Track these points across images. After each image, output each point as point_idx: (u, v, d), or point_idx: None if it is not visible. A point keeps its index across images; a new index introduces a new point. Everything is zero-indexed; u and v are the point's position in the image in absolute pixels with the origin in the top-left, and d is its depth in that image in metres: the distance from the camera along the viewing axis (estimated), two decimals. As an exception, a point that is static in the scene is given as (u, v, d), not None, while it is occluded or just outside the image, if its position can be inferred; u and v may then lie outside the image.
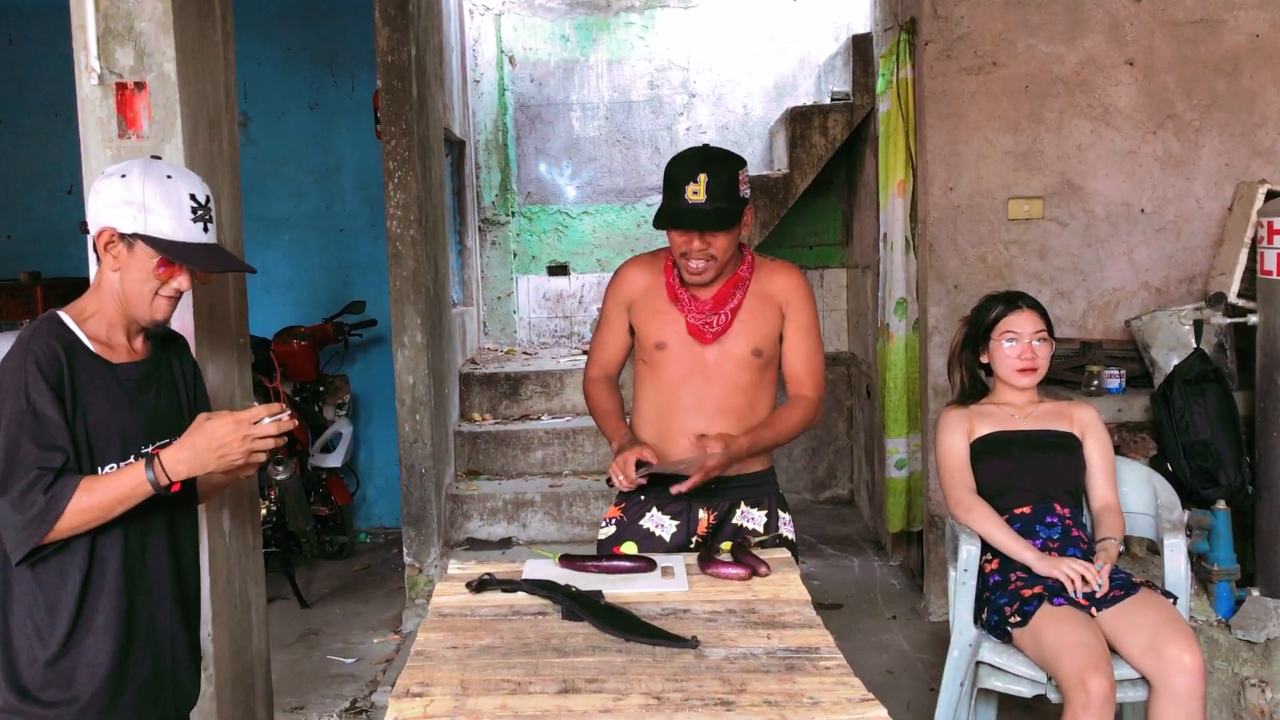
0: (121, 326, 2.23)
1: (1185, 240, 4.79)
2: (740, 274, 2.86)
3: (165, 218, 2.15)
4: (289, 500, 5.52)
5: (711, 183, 2.68)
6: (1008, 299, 3.31)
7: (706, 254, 2.73)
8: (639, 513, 2.89)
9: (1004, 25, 4.74)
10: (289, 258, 6.60)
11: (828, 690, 1.95)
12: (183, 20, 2.77)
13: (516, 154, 7.19)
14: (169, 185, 2.16)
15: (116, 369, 2.19)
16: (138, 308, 2.20)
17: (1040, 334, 3.23)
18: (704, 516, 2.86)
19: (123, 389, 2.19)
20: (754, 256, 2.91)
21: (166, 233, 2.15)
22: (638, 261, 2.99)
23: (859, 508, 6.84)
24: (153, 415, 2.24)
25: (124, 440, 2.17)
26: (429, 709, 1.90)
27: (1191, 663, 2.80)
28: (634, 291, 2.93)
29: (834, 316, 7.08)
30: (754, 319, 2.84)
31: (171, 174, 2.19)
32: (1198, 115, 4.74)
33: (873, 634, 4.79)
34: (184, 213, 2.17)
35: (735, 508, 2.90)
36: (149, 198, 2.14)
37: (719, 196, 2.69)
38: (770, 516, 2.93)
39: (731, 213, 2.71)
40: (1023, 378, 3.24)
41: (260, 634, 3.20)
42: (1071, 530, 3.15)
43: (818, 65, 7.01)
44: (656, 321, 2.88)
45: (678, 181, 2.72)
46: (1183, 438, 4.08)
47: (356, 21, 6.30)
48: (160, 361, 2.31)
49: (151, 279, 2.17)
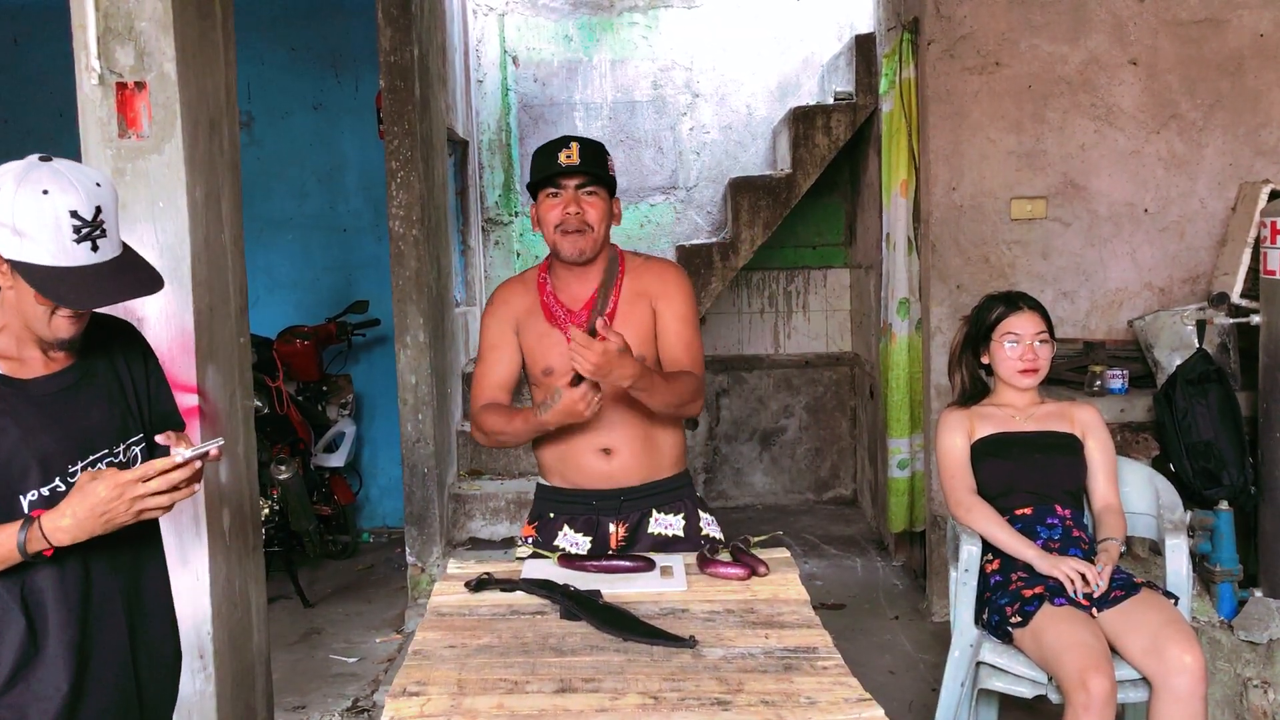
0: (31, 341, 2.02)
1: (1188, 240, 4.78)
2: (611, 273, 2.82)
3: (40, 243, 1.87)
4: (292, 500, 5.52)
5: (583, 150, 2.73)
6: (1008, 299, 3.30)
7: (582, 220, 2.73)
8: (552, 532, 2.85)
9: (1007, 25, 4.73)
10: (292, 257, 6.61)
11: (825, 690, 1.95)
12: (183, 20, 2.78)
13: (520, 154, 7.18)
14: (44, 203, 1.86)
15: (29, 386, 2.00)
16: (38, 329, 1.98)
17: (1041, 335, 3.23)
18: (614, 529, 2.82)
19: (38, 407, 2.00)
20: (624, 255, 2.88)
21: (45, 259, 1.88)
22: (511, 283, 2.94)
23: (862, 508, 6.83)
24: (80, 429, 2.04)
25: (44, 463, 1.98)
26: (425, 708, 1.90)
27: (1193, 663, 2.79)
28: (516, 314, 2.86)
29: (837, 316, 7.08)
30: (628, 323, 2.76)
31: (49, 187, 1.87)
32: (1201, 115, 4.73)
33: (875, 634, 4.79)
34: (63, 235, 1.87)
35: (647, 517, 2.84)
36: (20, 219, 1.87)
37: (591, 162, 2.73)
38: (689, 520, 2.87)
39: (605, 176, 2.76)
40: (1024, 379, 3.23)
41: (261, 633, 3.20)
42: (1072, 531, 3.15)
43: (821, 65, 7.00)
44: (541, 346, 2.82)
45: (550, 152, 2.75)
46: (1185, 438, 4.07)
47: (359, 22, 6.31)
48: (89, 367, 2.10)
49: (41, 303, 1.94)
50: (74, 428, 2.04)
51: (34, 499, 1.98)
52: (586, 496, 2.83)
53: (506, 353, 2.88)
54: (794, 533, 6.32)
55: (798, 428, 7.09)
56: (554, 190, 2.76)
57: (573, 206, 2.74)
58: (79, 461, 2.03)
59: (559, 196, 2.75)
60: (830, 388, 7.06)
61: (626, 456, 2.80)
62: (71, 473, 2.01)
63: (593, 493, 2.83)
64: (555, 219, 2.75)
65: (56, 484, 2.00)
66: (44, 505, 1.98)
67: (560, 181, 2.75)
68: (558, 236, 2.75)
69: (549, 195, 2.76)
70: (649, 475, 2.83)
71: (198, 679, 2.80)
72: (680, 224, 7.12)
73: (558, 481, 2.89)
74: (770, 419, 7.09)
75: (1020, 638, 3.01)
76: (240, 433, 3.06)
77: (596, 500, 2.83)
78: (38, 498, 1.99)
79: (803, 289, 7.07)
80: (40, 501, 1.99)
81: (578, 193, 2.74)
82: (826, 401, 7.07)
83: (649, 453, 2.82)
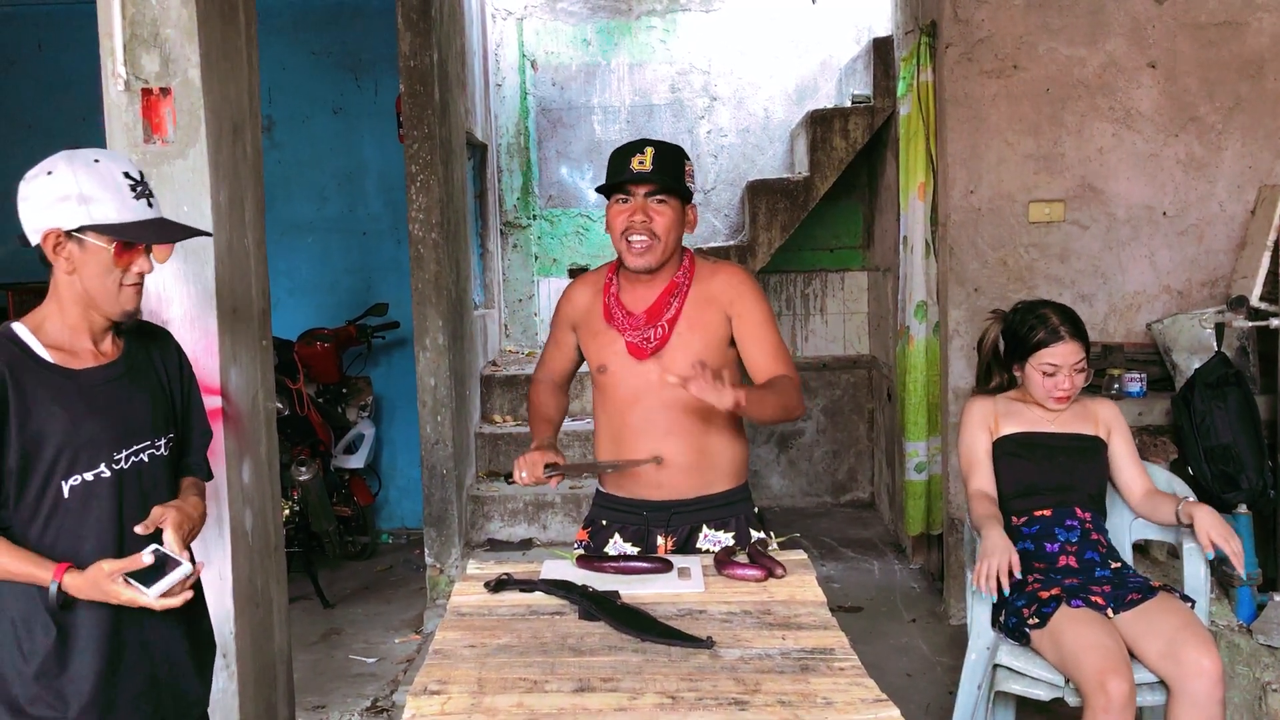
0: (85, 330, 2.15)
1: (1207, 243, 4.77)
2: (676, 280, 2.77)
3: (107, 202, 2.05)
4: (312, 500, 5.57)
5: (658, 156, 2.67)
6: (1051, 328, 3.16)
7: (649, 229, 2.66)
8: (603, 539, 2.85)
9: (1025, 28, 4.73)
10: (312, 261, 6.66)
11: (841, 691, 1.96)
12: (207, 26, 2.81)
13: (538, 157, 7.22)
14: (100, 169, 2.06)
15: (79, 376, 2.12)
16: (105, 303, 2.11)
17: (1079, 365, 3.17)
18: (662, 541, 2.79)
19: (86, 397, 2.11)
20: (695, 261, 2.82)
21: (113, 217, 2.05)
22: (582, 281, 2.93)
23: (879, 511, 6.83)
24: (125, 419, 2.16)
25: (90, 449, 2.11)
26: (446, 707, 1.92)
27: (1210, 666, 2.79)
28: (576, 313, 2.89)
29: (855, 319, 7.08)
30: (693, 329, 2.73)
31: (98, 157, 2.08)
32: (1220, 118, 4.72)
33: (892, 637, 4.79)
34: (124, 193, 2.06)
35: (696, 531, 2.80)
36: (85, 186, 2.04)
37: (665, 170, 2.67)
38: (739, 537, 2.80)
39: (678, 186, 2.69)
40: (1055, 404, 3.21)
41: (282, 631, 3.23)
42: (1091, 534, 3.15)
43: (838, 69, 7.01)
44: (596, 344, 2.81)
45: (624, 155, 2.71)
46: (1204, 441, 4.06)
47: (379, 26, 6.36)
48: (134, 360, 2.23)
49: (111, 270, 2.08)
50: (119, 417, 2.16)
51: (76, 483, 2.10)
52: (638, 506, 2.81)
53: (561, 348, 2.97)
54: (811, 535, 6.33)
55: (815, 430, 7.09)
56: (623, 196, 2.70)
57: (640, 215, 2.67)
58: (123, 450, 2.15)
59: (627, 203, 2.69)
60: (848, 390, 7.06)
61: (679, 468, 2.76)
62: (115, 459, 2.14)
63: (644, 503, 2.80)
64: (622, 225, 2.70)
65: (101, 470, 2.13)
66: (85, 490, 2.11)
67: (630, 188, 2.69)
68: (623, 245, 2.71)
69: (618, 200, 2.71)
70: (702, 489, 2.78)
71: (220, 677, 2.83)
72: (698, 227, 7.12)
73: (613, 489, 2.88)
74: (788, 422, 7.09)
75: (1038, 639, 3.01)
76: (262, 434, 3.10)
77: (648, 511, 2.81)
78: (80, 482, 2.11)
79: (820, 292, 7.07)
80: (82, 486, 2.11)
81: (647, 200, 2.68)
82: (844, 404, 7.08)
83: (702, 465, 2.78)
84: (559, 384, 3.01)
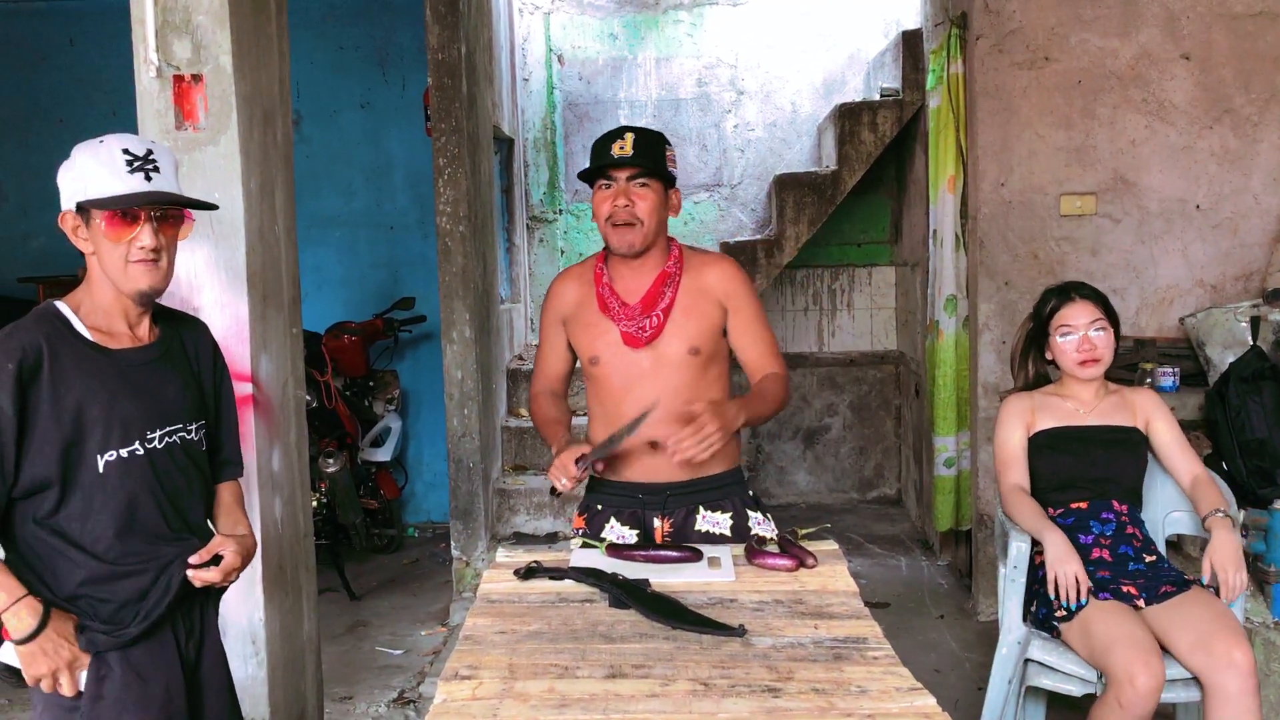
0: (120, 313, 2.21)
1: (1242, 237, 4.71)
2: (668, 270, 2.81)
3: (101, 177, 2.11)
4: (339, 493, 5.58)
5: (638, 141, 2.73)
6: (1061, 291, 3.24)
7: (631, 213, 2.72)
8: (599, 524, 2.86)
9: (1057, 19, 4.69)
10: (340, 255, 6.69)
11: (876, 680, 1.94)
12: (239, 13, 2.82)
13: (564, 152, 7.22)
14: (101, 148, 2.13)
15: (116, 355, 2.18)
16: (120, 283, 2.17)
17: (1098, 323, 3.15)
18: (659, 524, 2.81)
19: (122, 376, 2.17)
20: (682, 250, 2.87)
21: (105, 191, 2.11)
22: (568, 274, 2.96)
23: (906, 507, 6.79)
24: (160, 400, 2.22)
25: (125, 427, 2.16)
26: (478, 691, 1.91)
27: (1242, 660, 2.75)
28: (565, 307, 2.91)
29: (882, 314, 7.04)
30: (688, 316, 2.78)
31: (105, 138, 2.15)
32: (1256, 110, 4.66)
33: (920, 633, 4.76)
34: (118, 167, 2.11)
35: (694, 513, 2.82)
36: (82, 165, 2.13)
37: (645, 154, 2.72)
38: (738, 519, 2.84)
39: (659, 168, 2.73)
40: (1085, 370, 3.16)
41: (311, 620, 3.24)
42: (1126, 528, 3.11)
43: (867, 62, 6.97)
44: (588, 335, 2.84)
45: (605, 142, 2.76)
46: (1239, 436, 4.01)
47: (407, 20, 6.37)
48: (169, 346, 2.29)
49: (118, 246, 2.13)
50: (154, 398, 2.21)
51: (111, 459, 2.15)
52: (633, 490, 2.83)
53: (555, 347, 2.94)
54: (838, 531, 6.29)
55: (842, 426, 7.06)
56: (606, 181, 2.76)
57: (622, 199, 2.73)
58: (157, 429, 2.21)
59: (610, 188, 2.75)
60: (875, 386, 7.02)
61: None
62: (149, 438, 2.19)
63: (639, 485, 2.82)
64: (606, 210, 2.75)
65: (135, 447, 2.18)
66: (120, 466, 2.16)
67: (611, 173, 2.74)
68: (607, 229, 2.76)
69: (601, 186, 2.77)
70: (696, 471, 2.79)
71: (249, 664, 2.84)
72: (724, 221, 7.12)
73: (606, 473, 2.88)
74: (814, 417, 7.07)
75: (1067, 631, 2.98)
76: (292, 422, 3.10)
77: (643, 494, 2.82)
78: (115, 458, 2.15)
79: (847, 287, 7.04)
80: (117, 461, 2.16)
81: (629, 185, 2.73)
82: (871, 400, 7.04)
83: None
84: (558, 392, 2.99)
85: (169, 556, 2.20)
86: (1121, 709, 2.76)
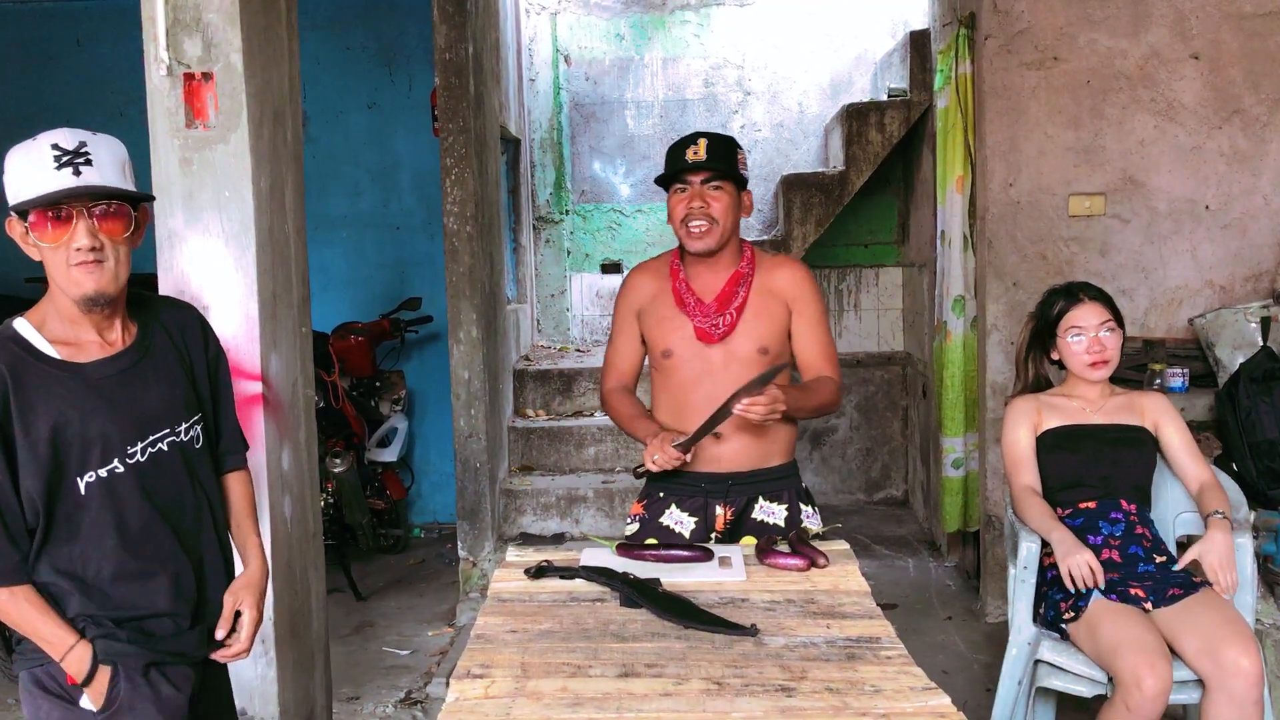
0: (85, 321, 2.06)
1: (1251, 237, 4.70)
2: (741, 270, 2.93)
3: (26, 177, 1.96)
4: (346, 493, 5.58)
5: (711, 146, 2.85)
6: (1068, 292, 3.24)
7: (706, 214, 2.83)
8: (659, 510, 2.95)
9: (1065, 19, 4.68)
10: (347, 255, 6.68)
11: (890, 679, 1.93)
12: (249, 12, 2.81)
13: (571, 152, 7.21)
14: (31, 145, 1.98)
15: (85, 370, 2.04)
16: (66, 288, 2.01)
17: (1107, 324, 3.16)
18: (721, 512, 2.91)
19: (95, 391, 2.04)
20: (755, 252, 2.99)
21: (33, 191, 1.95)
22: (644, 268, 3.08)
23: (913, 508, 6.78)
24: (139, 411, 2.08)
25: (103, 445, 2.04)
26: (490, 690, 1.90)
27: (1249, 666, 2.73)
28: (641, 299, 3.02)
29: (889, 315, 7.03)
30: (758, 317, 2.90)
31: (40, 135, 1.98)
32: (1266, 110, 4.65)
33: (928, 635, 4.74)
34: (46, 163, 1.95)
35: (753, 503, 2.93)
36: (14, 166, 1.99)
37: (718, 157, 2.84)
38: (791, 511, 2.94)
39: (732, 171, 2.85)
40: (1095, 372, 3.17)
41: (319, 620, 3.23)
42: (1135, 527, 3.10)
43: (874, 62, 6.96)
44: (663, 329, 2.95)
45: (679, 148, 2.88)
46: (1249, 437, 4.00)
47: (414, 21, 6.37)
48: (148, 344, 2.14)
49: (58, 250, 1.98)
50: (133, 410, 2.08)
51: (91, 480, 2.03)
52: (697, 479, 2.92)
53: (630, 338, 3.05)
54: (845, 533, 6.25)
55: (849, 428, 7.05)
56: (681, 185, 2.87)
57: (697, 201, 2.84)
58: (139, 442, 2.08)
59: (685, 191, 2.86)
60: (882, 387, 7.01)
61: (738, 441, 2.89)
62: (130, 453, 2.06)
63: (703, 475, 2.91)
64: (681, 212, 2.87)
65: (115, 465, 2.05)
66: (102, 486, 2.04)
67: (686, 177, 2.85)
68: (684, 231, 2.87)
69: (677, 190, 2.88)
70: (758, 462, 2.91)
71: (259, 663, 2.84)
72: (733, 221, 7.10)
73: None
74: (821, 419, 7.06)
75: (1075, 631, 2.97)
76: (301, 420, 3.10)
77: (706, 483, 2.91)
78: (95, 479, 2.04)
79: (855, 287, 7.02)
80: (98, 483, 2.04)
81: (703, 187, 2.84)
82: (878, 401, 7.03)
83: (760, 440, 2.90)
84: (630, 388, 3.09)
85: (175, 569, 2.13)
86: (1129, 712, 2.75)
